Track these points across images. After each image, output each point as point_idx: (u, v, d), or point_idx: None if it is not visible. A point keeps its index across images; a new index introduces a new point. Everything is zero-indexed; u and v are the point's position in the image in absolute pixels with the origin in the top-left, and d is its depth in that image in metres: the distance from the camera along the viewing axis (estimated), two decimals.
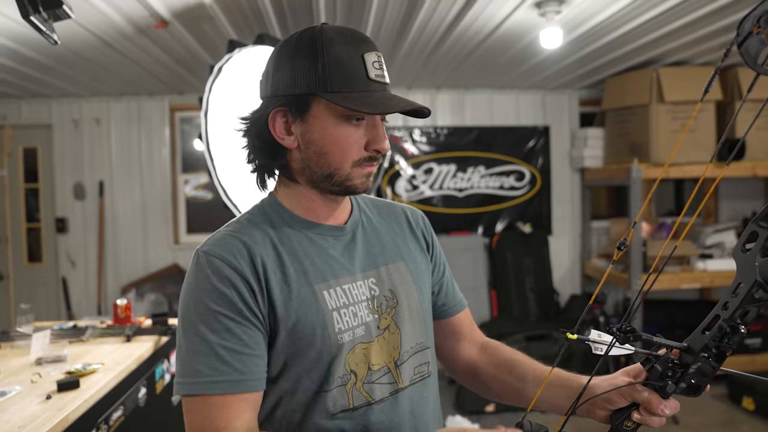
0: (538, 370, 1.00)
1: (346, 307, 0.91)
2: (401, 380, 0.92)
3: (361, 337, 0.90)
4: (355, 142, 0.88)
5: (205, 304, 0.83)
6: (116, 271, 4.30)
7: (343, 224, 0.97)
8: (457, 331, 1.11)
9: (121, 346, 2.08)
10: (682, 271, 3.94)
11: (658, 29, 2.98)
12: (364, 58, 0.86)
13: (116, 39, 2.87)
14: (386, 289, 0.96)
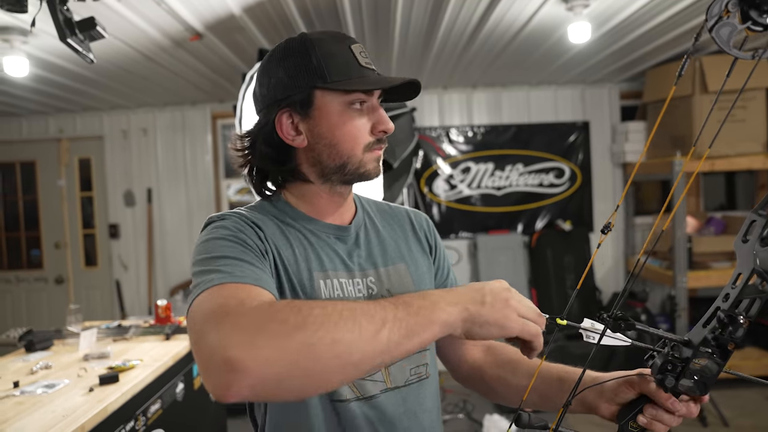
0: (544, 368, 0.98)
1: (340, 299, 0.91)
2: (390, 380, 0.91)
3: None
4: (362, 127, 0.91)
5: (223, 237, 0.82)
6: (165, 274, 4.50)
7: (347, 224, 0.99)
8: (450, 346, 1.09)
9: (160, 344, 2.19)
10: (731, 267, 3.77)
11: (696, 17, 2.89)
12: (352, 49, 0.90)
13: (155, 52, 3.02)
14: (384, 290, 0.96)
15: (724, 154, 3.68)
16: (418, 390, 0.95)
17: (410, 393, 0.93)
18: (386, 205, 1.12)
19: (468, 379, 1.09)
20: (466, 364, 1.08)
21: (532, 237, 4.46)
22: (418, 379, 0.95)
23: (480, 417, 3.45)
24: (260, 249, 0.84)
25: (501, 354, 1.06)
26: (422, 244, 1.07)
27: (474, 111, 4.54)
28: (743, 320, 0.72)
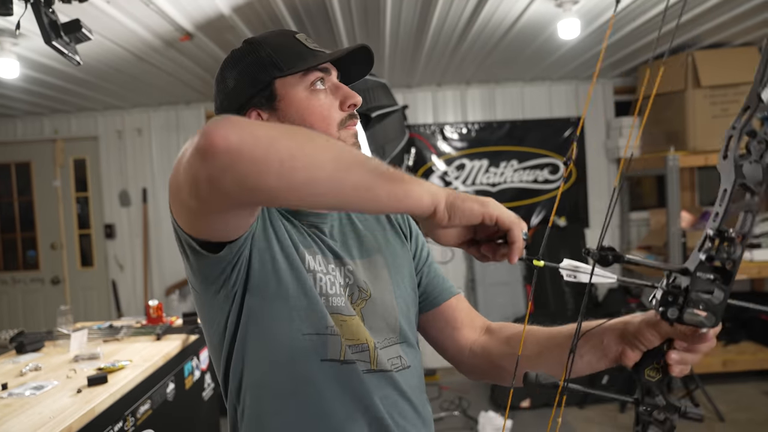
0: (554, 331, 0.95)
1: (324, 275, 0.92)
2: (376, 362, 0.90)
3: (339, 308, 0.90)
4: (330, 105, 0.92)
5: None
6: (161, 274, 4.51)
7: (322, 212, 0.98)
8: (451, 319, 1.07)
9: (151, 344, 2.20)
10: None
11: (687, 11, 2.88)
12: (297, 38, 0.93)
13: (146, 52, 3.02)
14: (361, 280, 0.95)
15: (717, 148, 3.67)
16: (398, 378, 0.93)
17: (388, 379, 0.92)
18: None
19: (474, 368, 1.05)
20: (465, 350, 1.04)
21: (527, 233, 4.45)
22: (396, 369, 0.94)
23: (475, 414, 3.46)
24: None
25: (503, 330, 1.03)
26: (399, 234, 1.07)
27: (468, 108, 4.54)
28: (735, 234, 0.67)
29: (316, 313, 0.87)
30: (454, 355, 1.06)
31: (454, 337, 1.05)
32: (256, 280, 0.88)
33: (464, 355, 1.04)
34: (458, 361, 1.06)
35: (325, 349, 0.87)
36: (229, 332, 0.91)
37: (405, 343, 0.98)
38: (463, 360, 1.05)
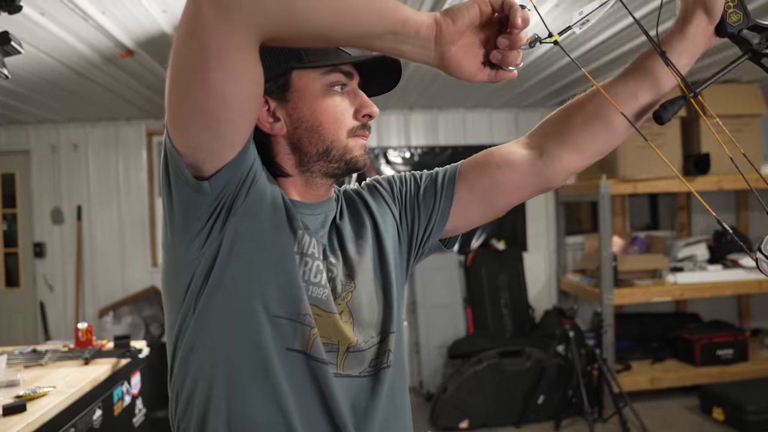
0: (606, 84, 0.91)
1: (313, 260, 0.85)
2: (342, 366, 0.84)
3: (319, 300, 0.83)
4: (345, 109, 0.86)
5: None
6: (94, 295, 4.33)
7: (314, 202, 0.91)
8: (480, 185, 0.95)
9: (78, 369, 2.11)
10: (653, 284, 3.98)
11: (618, 47, 3.07)
12: None
13: (85, 67, 2.95)
14: (343, 274, 0.89)
15: (645, 177, 3.89)
16: (372, 383, 0.87)
17: (359, 384, 0.86)
18: (349, 191, 1.03)
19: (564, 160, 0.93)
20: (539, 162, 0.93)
21: (467, 256, 4.56)
22: (375, 371, 0.87)
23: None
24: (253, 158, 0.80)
25: (552, 121, 0.96)
26: (382, 206, 0.99)
27: (411, 132, 4.63)
28: None
29: (292, 296, 0.81)
30: (532, 180, 0.95)
31: (508, 171, 0.95)
32: (236, 236, 0.80)
33: (540, 166, 0.94)
34: (545, 178, 0.95)
35: (293, 338, 0.80)
36: (191, 294, 0.81)
37: (393, 333, 0.91)
38: (544, 170, 0.94)
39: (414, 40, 0.70)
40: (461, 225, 1.00)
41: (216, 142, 0.74)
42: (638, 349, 4.22)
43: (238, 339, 0.80)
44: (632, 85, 0.89)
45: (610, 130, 0.91)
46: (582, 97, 0.95)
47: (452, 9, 0.71)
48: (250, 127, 0.77)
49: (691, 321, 4.44)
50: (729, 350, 3.99)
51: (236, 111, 0.72)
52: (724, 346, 3.99)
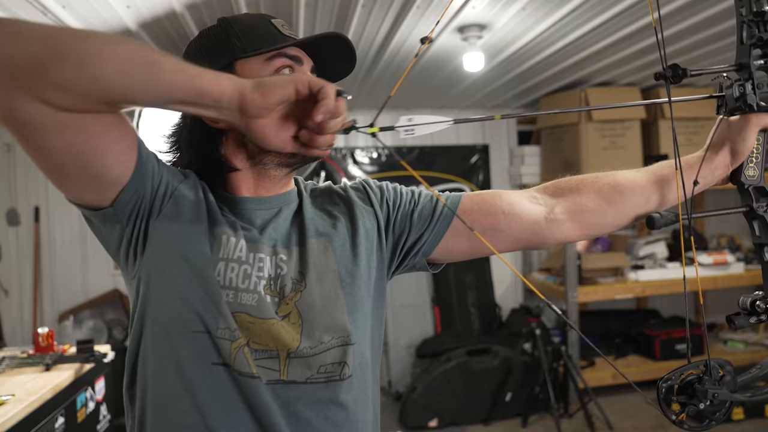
0: (652, 171, 0.94)
1: (239, 264, 0.82)
2: (286, 373, 0.80)
3: (248, 307, 0.80)
4: None
5: None
6: (53, 299, 4.19)
7: (266, 196, 0.89)
8: (479, 224, 0.92)
9: (39, 375, 2.03)
10: (616, 282, 4.09)
11: (580, 52, 3.14)
12: (273, 22, 0.86)
13: None
14: (295, 271, 0.85)
15: None
16: (324, 391, 0.82)
17: (308, 393, 0.81)
18: (331, 187, 1.00)
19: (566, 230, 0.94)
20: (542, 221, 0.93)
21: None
22: (326, 379, 0.83)
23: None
24: (159, 189, 0.80)
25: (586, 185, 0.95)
26: (367, 211, 0.95)
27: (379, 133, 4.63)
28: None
29: (210, 309, 0.79)
30: (528, 236, 0.94)
31: (505, 229, 0.93)
32: (151, 255, 0.80)
33: (541, 226, 0.94)
34: (540, 238, 0.95)
35: (214, 352, 0.78)
36: (133, 313, 0.84)
37: (353, 344, 0.85)
38: (544, 231, 0.94)
39: (215, 109, 0.69)
40: (444, 256, 0.97)
41: (91, 190, 0.75)
42: (602, 345, 4.33)
43: (164, 358, 0.80)
44: (647, 188, 0.93)
45: (618, 215, 0.93)
46: (600, 175, 0.96)
47: (264, 83, 0.69)
48: (120, 162, 0.74)
49: (651, 317, 4.57)
50: (683, 345, 4.13)
51: (88, 159, 0.70)
52: (681, 340, 4.13)
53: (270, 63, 0.83)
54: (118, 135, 0.72)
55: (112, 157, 0.72)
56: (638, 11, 2.54)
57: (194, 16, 2.41)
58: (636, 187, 0.93)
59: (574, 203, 0.93)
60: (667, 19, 2.63)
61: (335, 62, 0.90)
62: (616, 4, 2.44)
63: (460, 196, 0.97)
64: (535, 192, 0.98)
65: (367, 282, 0.90)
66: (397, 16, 2.54)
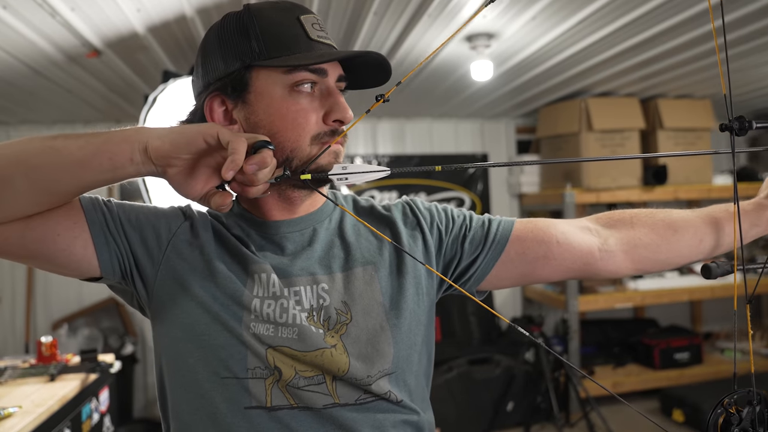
0: (708, 213, 0.93)
1: (274, 299, 0.78)
2: (337, 395, 0.78)
3: (289, 341, 0.77)
4: (310, 113, 0.77)
5: (146, 205, 0.84)
6: (47, 306, 4.10)
7: (296, 217, 0.85)
8: (532, 252, 0.89)
9: (44, 386, 1.98)
10: (615, 291, 4.10)
11: (583, 62, 3.16)
12: (300, 20, 0.77)
13: (46, 67, 2.80)
14: (339, 301, 0.81)
15: (607, 186, 4.02)
16: (370, 412, 0.79)
17: (359, 413, 0.78)
18: (374, 207, 0.94)
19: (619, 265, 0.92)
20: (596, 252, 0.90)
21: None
22: (372, 400, 0.80)
23: None
24: (147, 242, 0.80)
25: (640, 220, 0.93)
26: (415, 237, 0.89)
27: (378, 141, 4.63)
28: None
29: (235, 352, 0.76)
30: (581, 266, 0.91)
31: (565, 250, 0.90)
32: (162, 307, 0.80)
33: (595, 257, 0.91)
34: (593, 269, 0.92)
35: (247, 395, 0.76)
36: (157, 367, 0.84)
37: (394, 374, 0.81)
38: (597, 263, 0.91)
39: (133, 167, 0.69)
40: (493, 284, 0.93)
41: (76, 269, 0.77)
42: (601, 355, 4.33)
43: (198, 409, 0.78)
44: (702, 229, 0.92)
45: (671, 252, 0.92)
46: (655, 211, 0.96)
47: (171, 133, 0.69)
48: (74, 238, 0.74)
49: (649, 326, 4.59)
50: (685, 353, 4.15)
51: (48, 252, 0.73)
52: (680, 350, 4.15)
53: (289, 75, 0.76)
54: (59, 216, 0.73)
55: (63, 239, 0.73)
56: (643, 24, 2.57)
57: (204, 21, 2.39)
58: (690, 227, 0.91)
59: (628, 236, 0.92)
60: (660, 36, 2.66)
61: (368, 70, 0.83)
62: (622, 16, 2.46)
63: (513, 222, 0.93)
64: (588, 222, 0.95)
65: (414, 310, 0.86)
66: (407, 24, 2.54)
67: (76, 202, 0.76)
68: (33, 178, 0.66)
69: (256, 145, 0.70)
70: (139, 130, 0.69)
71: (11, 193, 0.66)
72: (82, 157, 0.67)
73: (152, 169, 0.70)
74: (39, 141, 0.68)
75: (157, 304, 0.81)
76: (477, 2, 2.30)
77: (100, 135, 0.69)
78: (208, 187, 0.72)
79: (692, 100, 4.19)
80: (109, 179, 0.70)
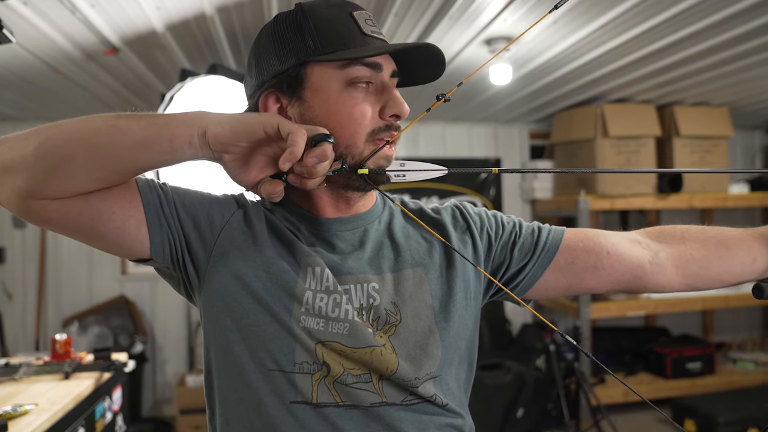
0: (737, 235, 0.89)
1: (327, 294, 0.78)
2: (384, 395, 0.77)
3: (339, 336, 0.76)
4: (366, 108, 0.77)
5: (202, 190, 0.85)
6: (58, 304, 4.10)
7: (349, 216, 0.85)
8: (582, 261, 0.88)
9: (59, 384, 1.97)
10: (628, 299, 4.06)
11: (600, 68, 3.13)
12: (353, 15, 0.78)
13: (63, 64, 2.80)
14: (389, 302, 0.80)
15: (621, 194, 3.98)
16: (415, 414, 0.79)
17: (405, 413, 0.78)
18: (423, 209, 0.94)
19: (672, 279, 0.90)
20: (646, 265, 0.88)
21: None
22: (418, 401, 0.79)
23: None
24: (200, 227, 0.80)
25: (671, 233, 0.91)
26: (465, 242, 0.89)
27: None
28: None
29: (283, 345, 0.75)
30: (630, 279, 0.89)
31: (615, 261, 0.88)
32: (212, 295, 0.79)
33: (645, 270, 0.89)
34: (642, 282, 0.90)
35: (292, 390, 0.75)
36: (205, 352, 0.83)
37: (439, 377, 0.81)
38: (647, 275, 0.89)
39: (191, 151, 0.70)
40: (541, 292, 0.92)
41: (128, 248, 0.77)
42: (612, 363, 4.29)
43: (243, 400, 0.77)
44: (755, 249, 0.89)
45: (723, 270, 0.89)
46: (707, 228, 0.93)
47: (230, 120, 0.70)
48: (129, 216, 0.75)
49: (660, 335, 4.55)
50: (697, 363, 4.11)
51: (102, 229, 0.74)
52: (692, 359, 4.10)
53: (345, 70, 0.76)
54: (116, 195, 0.74)
55: (118, 218, 0.74)
56: (663, 30, 2.54)
57: (224, 19, 2.38)
58: (744, 245, 0.89)
59: (679, 251, 0.90)
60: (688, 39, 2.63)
61: (421, 66, 0.83)
62: (642, 22, 2.44)
63: (563, 231, 0.92)
64: (637, 235, 0.93)
65: (463, 314, 0.85)
66: (427, 25, 2.52)
67: (133, 182, 0.76)
68: (95, 155, 0.68)
69: (316, 138, 0.70)
70: (199, 114, 0.70)
71: (73, 169, 0.67)
72: (144, 137, 0.68)
73: (209, 154, 0.71)
74: (102, 120, 0.69)
75: (207, 291, 0.80)
76: (498, 5, 2.29)
77: (161, 117, 0.69)
78: (262, 176, 0.73)
79: (709, 107, 4.15)
80: (168, 161, 0.71)
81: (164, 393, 4.13)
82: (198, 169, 0.89)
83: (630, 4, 2.24)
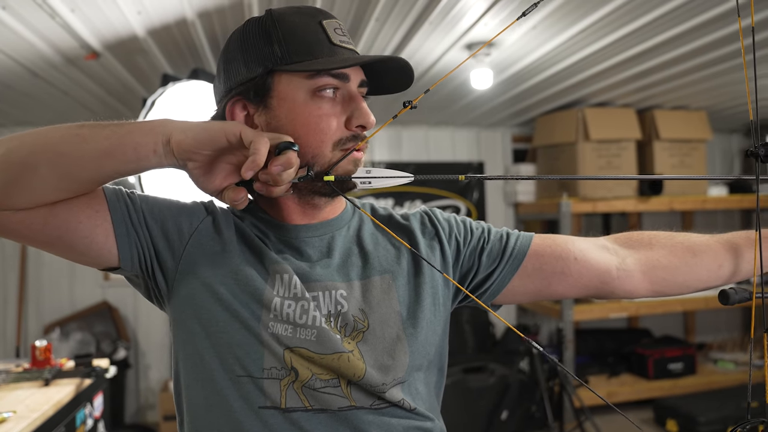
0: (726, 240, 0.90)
1: (295, 300, 0.78)
2: (353, 399, 0.78)
3: (307, 342, 0.77)
4: (333, 118, 0.77)
5: (170, 198, 0.85)
6: (38, 310, 4.05)
7: (316, 222, 0.85)
8: (549, 267, 0.89)
9: (38, 391, 1.95)
10: (609, 301, 4.11)
11: (581, 72, 3.18)
12: (323, 24, 0.77)
13: (43, 69, 2.78)
14: (356, 309, 0.80)
15: (603, 197, 4.03)
16: (383, 417, 0.79)
17: (374, 416, 0.78)
18: (392, 216, 0.95)
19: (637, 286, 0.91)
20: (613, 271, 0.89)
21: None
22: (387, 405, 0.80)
23: None
24: (169, 235, 0.80)
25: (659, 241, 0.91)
26: (433, 248, 0.89)
27: (375, 148, 4.63)
28: None
29: (251, 351, 0.76)
30: (597, 285, 0.91)
31: (582, 267, 0.89)
32: (180, 302, 0.80)
33: (612, 276, 0.90)
34: (609, 288, 0.91)
35: (261, 395, 0.75)
36: (174, 360, 0.84)
37: (406, 382, 0.82)
38: (614, 281, 0.90)
39: (156, 159, 0.70)
40: (509, 298, 0.93)
41: (96, 258, 0.77)
42: (595, 364, 4.33)
43: (213, 406, 0.77)
44: (721, 255, 0.90)
45: (689, 275, 0.90)
46: (674, 234, 0.94)
47: (194, 127, 0.70)
48: (95, 226, 0.75)
49: (643, 336, 4.60)
50: (679, 364, 4.16)
51: (70, 239, 0.74)
52: (674, 360, 4.16)
53: (312, 80, 0.76)
54: (82, 204, 0.74)
55: (84, 227, 0.74)
56: (641, 35, 2.59)
57: (205, 24, 2.38)
58: (710, 251, 0.90)
59: (646, 257, 0.91)
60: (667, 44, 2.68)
61: (392, 75, 0.84)
62: (621, 27, 2.48)
63: (531, 237, 0.93)
64: (606, 241, 0.95)
65: (431, 320, 0.86)
66: (408, 30, 2.54)
67: (100, 191, 0.76)
68: (58, 165, 0.68)
69: (280, 146, 0.70)
70: (164, 122, 0.70)
71: (36, 180, 0.67)
72: (108, 146, 0.68)
73: (174, 162, 0.71)
74: (65, 129, 0.69)
75: (176, 299, 0.80)
76: (478, 10, 2.31)
77: (126, 125, 0.70)
78: (227, 184, 0.73)
79: (688, 111, 4.22)
80: (133, 170, 0.71)
81: (147, 399, 4.10)
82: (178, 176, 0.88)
83: (608, 9, 2.28)
